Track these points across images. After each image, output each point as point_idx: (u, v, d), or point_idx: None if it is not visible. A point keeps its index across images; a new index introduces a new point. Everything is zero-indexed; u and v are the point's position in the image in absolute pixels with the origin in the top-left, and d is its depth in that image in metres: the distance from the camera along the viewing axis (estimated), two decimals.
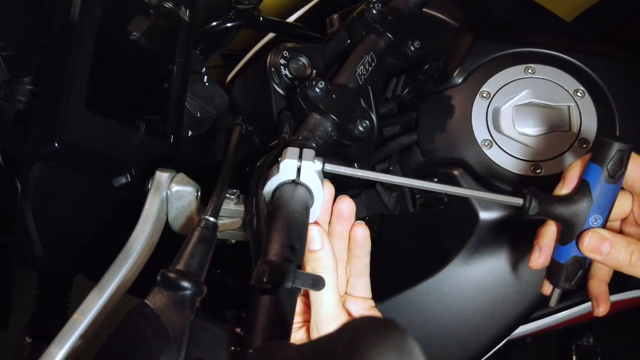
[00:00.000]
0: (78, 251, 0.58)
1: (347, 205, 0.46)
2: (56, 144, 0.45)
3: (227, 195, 0.50)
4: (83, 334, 0.40)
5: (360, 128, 0.55)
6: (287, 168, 0.43)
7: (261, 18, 0.78)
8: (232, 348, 0.35)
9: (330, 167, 0.44)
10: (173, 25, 0.63)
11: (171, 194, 0.49)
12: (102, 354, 0.34)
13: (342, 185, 0.50)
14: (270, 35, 0.89)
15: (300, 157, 0.43)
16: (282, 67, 0.58)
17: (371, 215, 0.67)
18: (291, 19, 0.86)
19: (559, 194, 0.46)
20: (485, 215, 0.58)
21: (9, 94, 0.48)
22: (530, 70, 0.63)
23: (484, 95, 0.62)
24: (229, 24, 0.75)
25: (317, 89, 0.51)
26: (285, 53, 0.59)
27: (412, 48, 0.61)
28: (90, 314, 0.41)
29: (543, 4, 0.72)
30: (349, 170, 0.45)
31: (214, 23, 0.75)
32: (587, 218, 0.44)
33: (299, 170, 0.43)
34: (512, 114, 0.61)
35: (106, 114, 0.50)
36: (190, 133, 0.65)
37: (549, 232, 0.47)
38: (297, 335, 0.45)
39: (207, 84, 0.67)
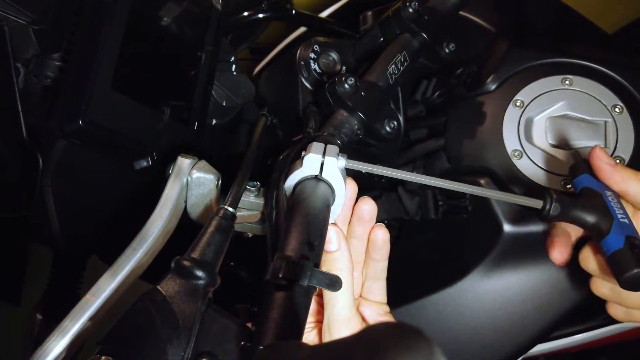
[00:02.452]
0: (94, 232, 0.58)
1: (368, 206, 0.44)
2: (80, 122, 0.44)
3: (248, 186, 0.50)
4: (93, 316, 0.40)
5: (387, 128, 0.54)
6: (310, 163, 0.42)
7: (293, 11, 0.78)
8: (242, 343, 0.34)
9: (352, 164, 0.43)
10: (205, 12, 0.62)
11: (191, 181, 0.48)
12: (111, 337, 0.33)
13: (363, 186, 0.49)
14: (301, 30, 0.88)
15: (324, 153, 0.42)
16: (311, 61, 0.57)
17: (391, 219, 0.65)
18: (324, 14, 0.85)
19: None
20: (509, 227, 0.57)
21: (38, 69, 0.48)
22: (567, 82, 0.61)
23: (518, 104, 0.60)
24: (260, 15, 0.74)
25: (346, 85, 0.50)
26: (316, 47, 0.58)
27: (447, 50, 0.60)
28: (102, 295, 0.41)
29: (585, 14, 0.69)
30: (370, 167, 0.43)
31: (246, 13, 0.74)
32: (608, 203, 0.44)
33: (322, 166, 0.42)
34: (545, 125, 0.59)
35: (132, 96, 0.50)
36: (214, 121, 0.65)
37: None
38: (309, 337, 0.44)
39: (234, 73, 0.66)
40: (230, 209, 0.42)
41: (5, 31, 0.47)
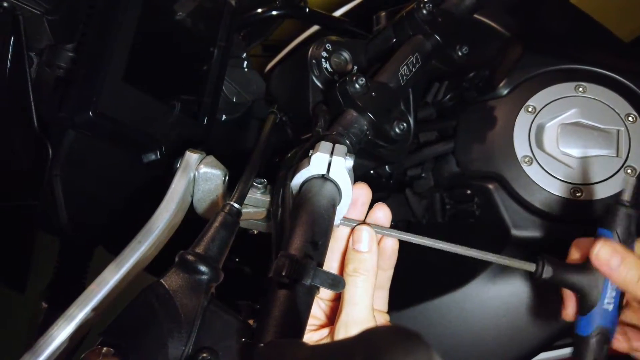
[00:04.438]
0: (101, 223, 0.58)
1: (383, 213, 0.45)
2: (90, 113, 0.45)
3: (255, 183, 0.50)
4: (97, 306, 0.40)
5: (397, 130, 0.53)
6: (317, 162, 0.42)
7: (307, 9, 0.77)
8: (243, 340, 0.34)
9: (378, 229, 0.44)
10: (218, 8, 0.62)
11: (199, 176, 0.49)
12: (113, 328, 0.33)
13: (370, 187, 0.48)
14: (314, 28, 0.88)
15: (332, 153, 0.42)
16: (323, 59, 0.57)
17: (397, 221, 0.65)
18: (337, 13, 0.85)
19: (571, 260, 0.45)
20: (517, 232, 0.56)
21: (50, 59, 0.49)
22: (581, 89, 0.60)
23: (530, 109, 0.60)
24: (274, 12, 0.74)
25: (357, 85, 0.50)
26: (328, 46, 0.58)
27: (460, 53, 0.59)
28: (106, 286, 0.41)
29: (602, 22, 0.69)
30: (398, 234, 0.44)
31: (260, 10, 0.74)
32: (604, 286, 0.43)
33: (329, 165, 0.42)
34: (557, 132, 0.58)
35: (143, 89, 0.50)
36: (224, 117, 0.65)
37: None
38: (313, 337, 0.44)
39: (246, 69, 0.66)
40: (236, 205, 0.42)
41: (20, 21, 0.48)
